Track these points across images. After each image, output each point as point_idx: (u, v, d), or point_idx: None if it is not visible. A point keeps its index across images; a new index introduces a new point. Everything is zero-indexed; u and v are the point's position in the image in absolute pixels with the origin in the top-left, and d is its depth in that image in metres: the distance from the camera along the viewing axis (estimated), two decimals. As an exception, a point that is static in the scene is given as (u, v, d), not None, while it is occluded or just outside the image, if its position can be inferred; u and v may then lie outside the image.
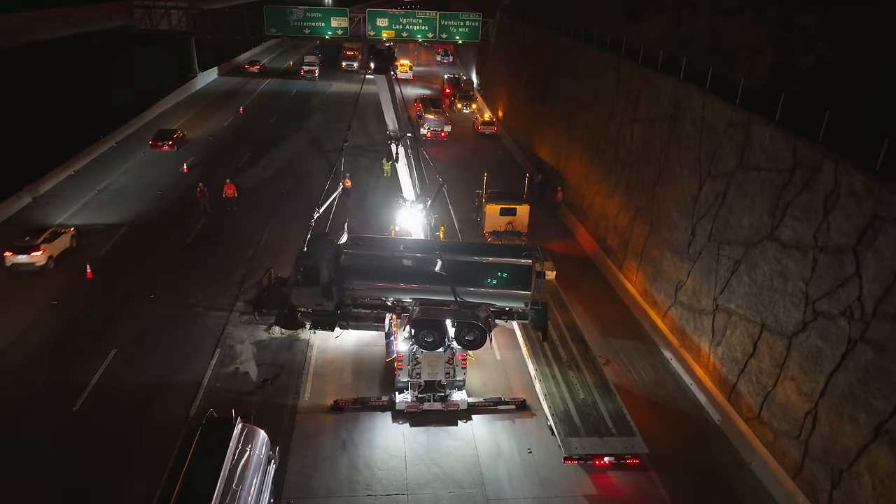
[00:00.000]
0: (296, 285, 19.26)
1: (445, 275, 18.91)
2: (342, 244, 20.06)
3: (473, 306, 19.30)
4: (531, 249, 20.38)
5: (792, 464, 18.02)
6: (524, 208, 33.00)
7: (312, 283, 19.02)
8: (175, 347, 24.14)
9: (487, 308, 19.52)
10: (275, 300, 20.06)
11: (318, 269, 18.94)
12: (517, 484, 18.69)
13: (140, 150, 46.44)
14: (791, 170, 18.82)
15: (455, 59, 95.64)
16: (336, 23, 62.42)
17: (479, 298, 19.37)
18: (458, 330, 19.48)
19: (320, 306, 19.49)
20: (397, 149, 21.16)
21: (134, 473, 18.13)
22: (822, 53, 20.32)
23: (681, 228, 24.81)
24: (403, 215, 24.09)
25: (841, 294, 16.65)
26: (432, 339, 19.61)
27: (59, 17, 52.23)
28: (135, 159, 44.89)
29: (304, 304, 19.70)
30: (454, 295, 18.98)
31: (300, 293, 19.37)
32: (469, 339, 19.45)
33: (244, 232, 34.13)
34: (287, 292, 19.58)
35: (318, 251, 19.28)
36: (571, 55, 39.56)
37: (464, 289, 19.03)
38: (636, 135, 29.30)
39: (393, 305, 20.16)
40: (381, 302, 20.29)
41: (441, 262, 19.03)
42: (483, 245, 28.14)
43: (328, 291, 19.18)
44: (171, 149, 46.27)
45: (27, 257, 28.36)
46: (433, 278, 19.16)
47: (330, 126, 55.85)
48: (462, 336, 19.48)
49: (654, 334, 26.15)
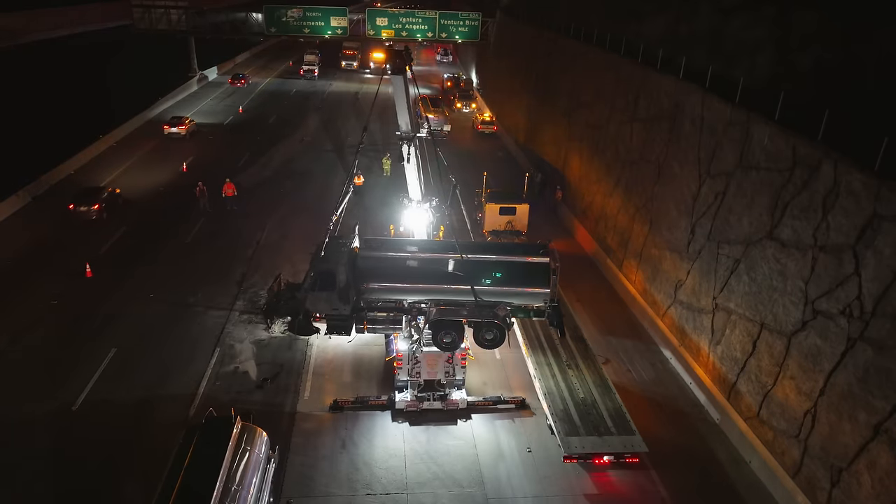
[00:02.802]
0: (311, 290, 19.01)
1: (464, 274, 18.96)
2: (357, 247, 19.93)
3: (492, 305, 19.35)
4: (545, 246, 20.42)
5: (791, 462, 18.03)
6: (524, 207, 33.02)
7: (329, 288, 18.83)
8: (175, 347, 24.15)
9: (505, 307, 19.57)
10: (288, 307, 19.70)
11: (334, 273, 18.79)
12: (517, 483, 18.70)
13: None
14: (790, 169, 18.82)
15: (455, 58, 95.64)
16: (336, 22, 62.38)
17: (499, 297, 19.43)
18: (477, 329, 19.54)
19: (336, 310, 19.18)
20: (409, 149, 21.17)
21: (133, 473, 18.13)
22: (821, 52, 20.33)
23: (680, 227, 24.81)
24: (408, 215, 24.09)
25: (840, 293, 16.65)
26: (451, 339, 19.62)
27: (57, 17, 52.19)
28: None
29: (320, 310, 19.37)
30: (474, 294, 19.03)
31: (316, 298, 19.06)
32: (489, 338, 19.57)
33: (244, 231, 34.14)
34: (302, 298, 19.25)
35: (333, 255, 19.06)
36: (571, 54, 39.56)
37: (483, 288, 19.12)
38: (636, 134, 29.31)
39: (409, 307, 19.99)
40: (396, 304, 20.03)
41: (461, 261, 19.06)
42: (498, 244, 28.32)
43: (345, 295, 18.97)
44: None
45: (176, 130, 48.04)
46: (452, 278, 19.20)
47: (330, 126, 55.86)
48: (481, 335, 19.56)
49: (653, 333, 26.15)
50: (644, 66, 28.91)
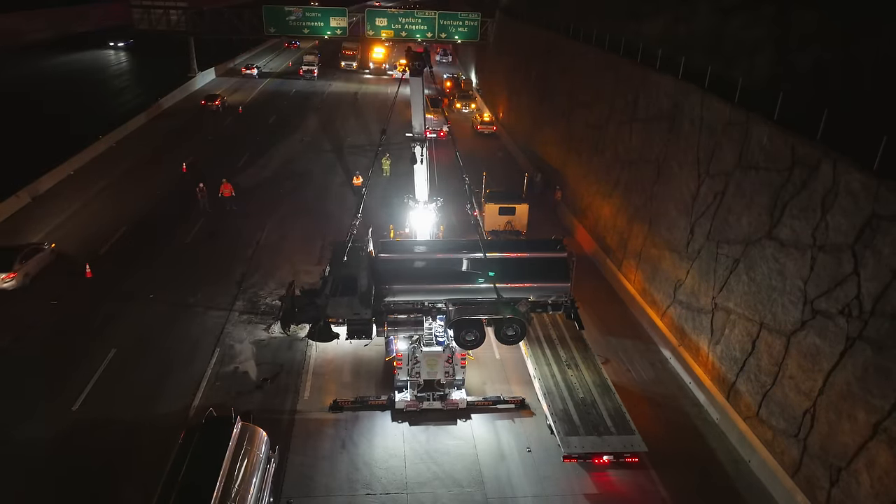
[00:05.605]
0: (332, 296, 18.89)
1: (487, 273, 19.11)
2: (372, 250, 19.91)
3: (511, 302, 19.50)
4: (560, 241, 20.71)
5: (791, 462, 18.05)
6: (523, 207, 33.03)
7: (350, 293, 18.78)
8: (174, 347, 24.16)
9: (526, 302, 19.71)
10: (308, 314, 19.43)
11: (355, 277, 18.76)
12: (516, 483, 18.71)
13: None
14: (789, 169, 18.85)
15: (454, 58, 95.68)
16: (335, 22, 62.47)
17: (520, 294, 19.63)
18: (498, 326, 19.68)
19: (357, 315, 19.12)
20: (422, 151, 21.21)
21: (133, 473, 18.14)
22: (821, 52, 20.35)
23: (679, 227, 24.84)
24: (414, 216, 24.10)
25: (839, 293, 16.68)
26: (473, 337, 19.77)
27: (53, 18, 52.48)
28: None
29: (341, 315, 19.22)
30: (496, 292, 19.19)
31: (336, 304, 18.97)
32: (510, 334, 19.82)
33: (243, 231, 34.15)
34: (322, 304, 19.08)
35: (352, 259, 18.99)
36: (570, 54, 39.58)
37: (504, 285, 19.28)
38: (635, 134, 29.33)
39: (429, 307, 19.96)
40: (414, 305, 19.96)
41: (481, 260, 19.21)
42: (514, 241, 28.31)
43: (366, 299, 18.94)
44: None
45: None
46: (476, 276, 19.34)
47: (329, 126, 55.88)
48: (503, 332, 19.75)
49: (653, 333, 26.18)
50: (643, 66, 28.94)
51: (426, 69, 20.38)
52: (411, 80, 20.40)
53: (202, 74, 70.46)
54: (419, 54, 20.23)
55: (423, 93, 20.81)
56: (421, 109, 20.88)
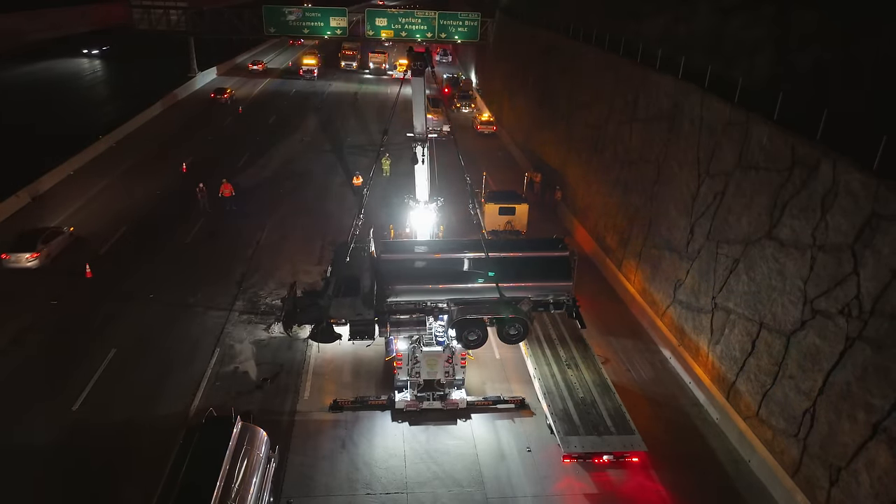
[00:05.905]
0: (334, 297, 18.89)
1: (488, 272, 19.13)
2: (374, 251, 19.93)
3: (514, 301, 19.52)
4: (562, 240, 20.72)
5: (790, 461, 18.05)
6: (523, 207, 33.05)
7: (353, 293, 18.81)
8: (174, 347, 24.16)
9: (528, 302, 19.73)
10: (310, 315, 19.45)
11: (358, 278, 18.81)
12: (516, 482, 18.71)
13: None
14: (789, 168, 18.85)
15: (454, 58, 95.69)
16: (335, 22, 62.47)
17: (523, 293, 19.64)
18: (501, 325, 19.70)
19: (360, 315, 19.13)
20: (423, 151, 21.24)
21: (133, 473, 18.15)
22: (821, 52, 20.35)
23: (679, 227, 24.84)
24: (414, 216, 24.11)
25: (839, 292, 16.68)
26: (476, 337, 19.77)
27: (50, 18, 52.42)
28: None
29: (344, 316, 19.22)
30: (499, 291, 19.22)
31: (340, 304, 18.97)
32: (513, 333, 19.83)
33: (243, 231, 34.15)
34: (325, 305, 19.06)
35: (355, 259, 19.05)
36: (570, 54, 39.58)
37: (507, 284, 19.31)
38: (635, 134, 29.33)
39: (431, 307, 19.96)
40: (417, 305, 19.94)
41: (484, 259, 19.24)
42: (516, 241, 28.28)
43: (369, 300, 18.96)
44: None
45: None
46: (476, 276, 19.37)
47: (329, 126, 55.89)
48: (505, 331, 19.76)
49: (652, 333, 26.18)
50: (643, 66, 28.95)
51: (427, 69, 20.43)
52: (413, 80, 20.46)
53: (203, 74, 70.52)
54: (421, 54, 20.28)
55: (425, 93, 20.86)
56: (423, 109, 20.91)
